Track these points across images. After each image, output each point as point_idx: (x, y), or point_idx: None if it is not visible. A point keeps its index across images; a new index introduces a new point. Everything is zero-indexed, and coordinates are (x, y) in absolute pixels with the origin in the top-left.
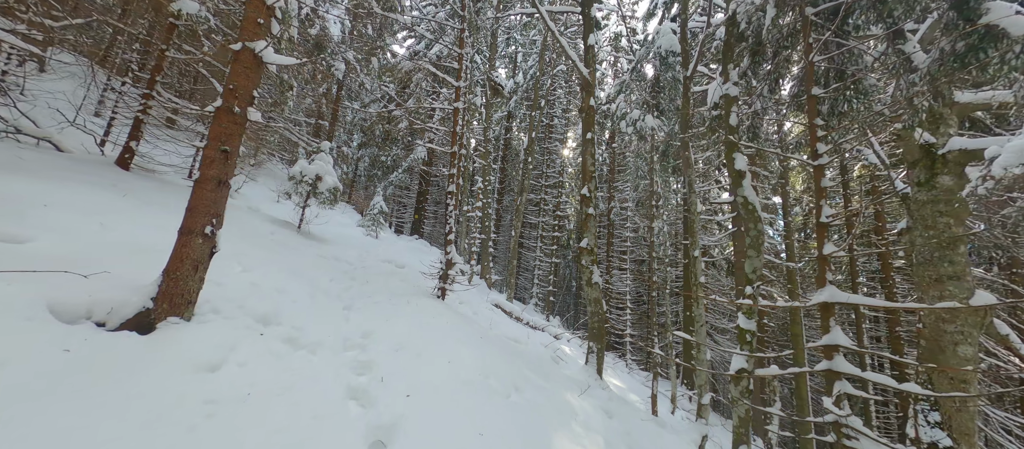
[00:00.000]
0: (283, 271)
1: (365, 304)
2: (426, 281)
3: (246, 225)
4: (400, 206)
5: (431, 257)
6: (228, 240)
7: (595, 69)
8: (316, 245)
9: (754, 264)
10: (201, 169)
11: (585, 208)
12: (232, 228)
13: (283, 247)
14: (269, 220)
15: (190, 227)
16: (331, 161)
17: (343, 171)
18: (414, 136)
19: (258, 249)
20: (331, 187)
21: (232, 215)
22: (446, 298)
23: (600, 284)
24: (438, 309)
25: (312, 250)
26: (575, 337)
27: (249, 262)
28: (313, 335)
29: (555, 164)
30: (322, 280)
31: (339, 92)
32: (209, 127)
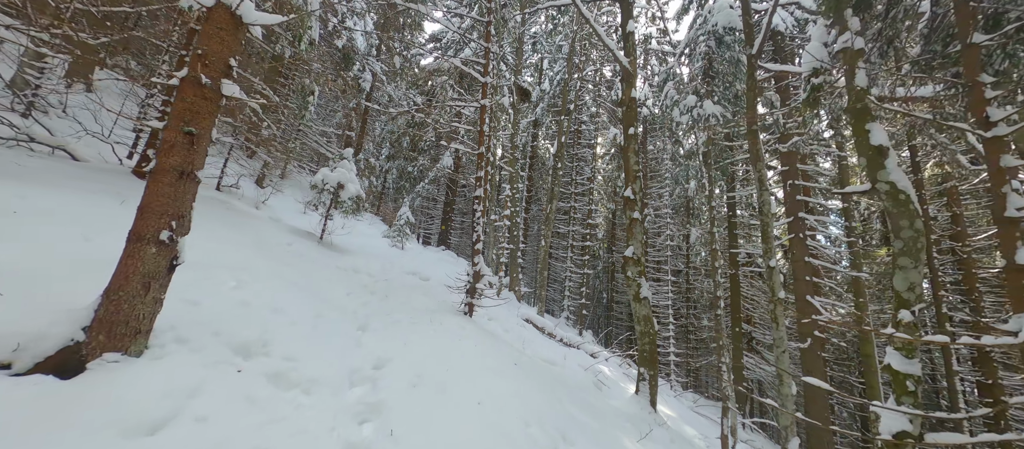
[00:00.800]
0: (288, 286)
1: (382, 324)
2: (452, 296)
3: (262, 235)
4: (428, 217)
5: (457, 268)
6: (234, 250)
7: (635, 57)
8: (337, 256)
9: (911, 278)
10: (158, 156)
11: (629, 212)
12: (244, 238)
13: (299, 258)
14: (290, 231)
15: (140, 232)
16: (354, 169)
17: (372, 183)
18: (440, 146)
19: (266, 260)
20: (354, 195)
21: (250, 225)
22: (474, 314)
23: (650, 299)
24: (465, 328)
25: (331, 262)
26: (614, 355)
27: (247, 275)
28: (309, 368)
29: (584, 172)
30: (336, 295)
31: (367, 104)
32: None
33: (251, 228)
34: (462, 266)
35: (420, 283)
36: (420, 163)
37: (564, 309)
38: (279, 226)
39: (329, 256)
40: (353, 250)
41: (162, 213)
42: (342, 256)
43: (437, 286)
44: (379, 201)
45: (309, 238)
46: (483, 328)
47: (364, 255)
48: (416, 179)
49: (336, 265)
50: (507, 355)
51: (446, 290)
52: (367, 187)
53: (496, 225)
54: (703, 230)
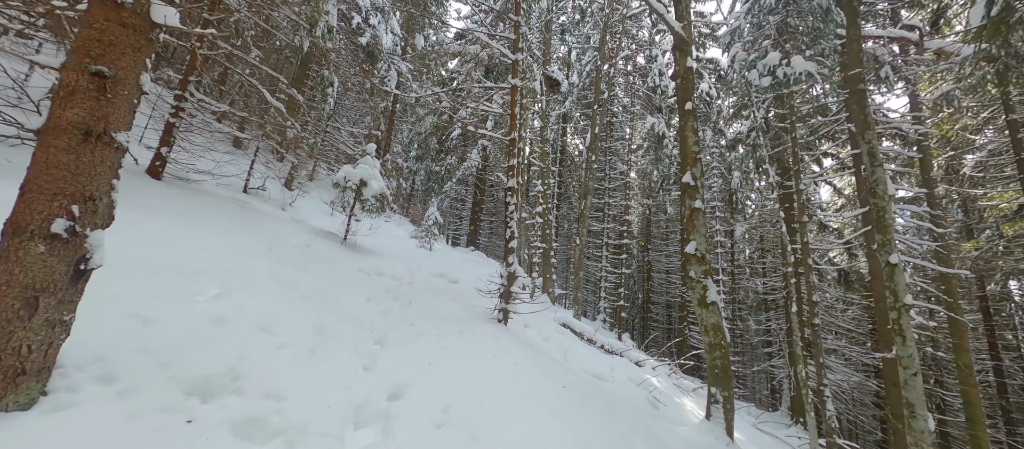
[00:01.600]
0: (289, 294)
1: (404, 337)
2: (484, 301)
3: (279, 236)
4: (456, 218)
5: (488, 270)
6: (235, 253)
7: (689, 22)
8: (360, 258)
9: None
10: (52, 110)
11: (689, 201)
12: (255, 240)
13: (317, 261)
14: (312, 231)
15: (20, 223)
16: (377, 165)
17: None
18: (467, 145)
19: (272, 264)
20: (377, 193)
21: (267, 225)
22: (509, 322)
23: (719, 304)
24: (501, 340)
25: (351, 263)
26: (660, 363)
27: (239, 282)
28: (297, 409)
29: (616, 167)
30: (352, 302)
31: (394, 105)
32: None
33: (268, 229)
34: (492, 267)
35: (448, 286)
36: (448, 162)
37: (600, 311)
38: (301, 227)
39: (351, 258)
40: (378, 251)
41: (55, 193)
42: (365, 257)
43: (467, 290)
44: (408, 202)
45: (332, 239)
46: (520, 338)
47: (389, 256)
48: (443, 178)
49: (357, 267)
50: (552, 374)
51: (477, 294)
52: (395, 188)
53: (527, 223)
54: (748, 225)
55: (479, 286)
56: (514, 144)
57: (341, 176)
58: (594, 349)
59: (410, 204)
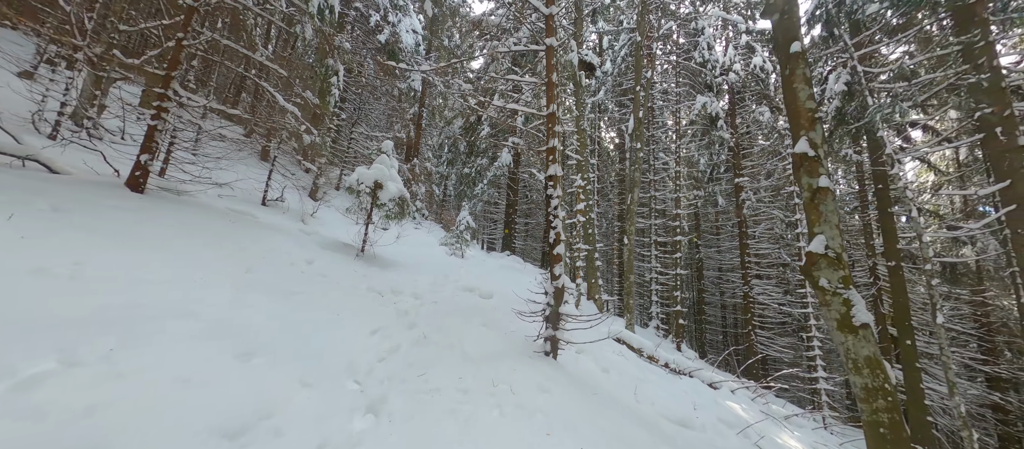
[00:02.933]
0: (242, 338)
1: (409, 398)
2: (524, 325)
3: (275, 252)
4: (490, 222)
5: (525, 278)
6: (190, 283)
7: None
8: (375, 273)
9: None
10: None
11: (809, 178)
12: (236, 260)
13: (315, 282)
14: (322, 244)
15: None
16: (395, 164)
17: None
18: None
19: (241, 292)
20: (395, 196)
21: (263, 241)
22: (559, 354)
23: (872, 329)
24: (553, 393)
25: (362, 281)
26: (739, 386)
27: (153, 330)
28: None
29: (659, 157)
30: (349, 339)
31: (421, 109)
32: None
33: (261, 246)
34: (530, 275)
35: (479, 304)
36: (478, 163)
37: (652, 317)
38: (309, 241)
39: (363, 274)
40: (399, 263)
41: None
42: (382, 272)
43: (502, 308)
44: (440, 208)
45: (345, 252)
46: (576, 378)
47: (412, 268)
48: (474, 180)
49: (368, 286)
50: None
51: (515, 315)
52: (425, 193)
53: (566, 223)
54: None
55: (517, 304)
56: (553, 121)
57: (354, 179)
58: (659, 370)
59: (442, 210)
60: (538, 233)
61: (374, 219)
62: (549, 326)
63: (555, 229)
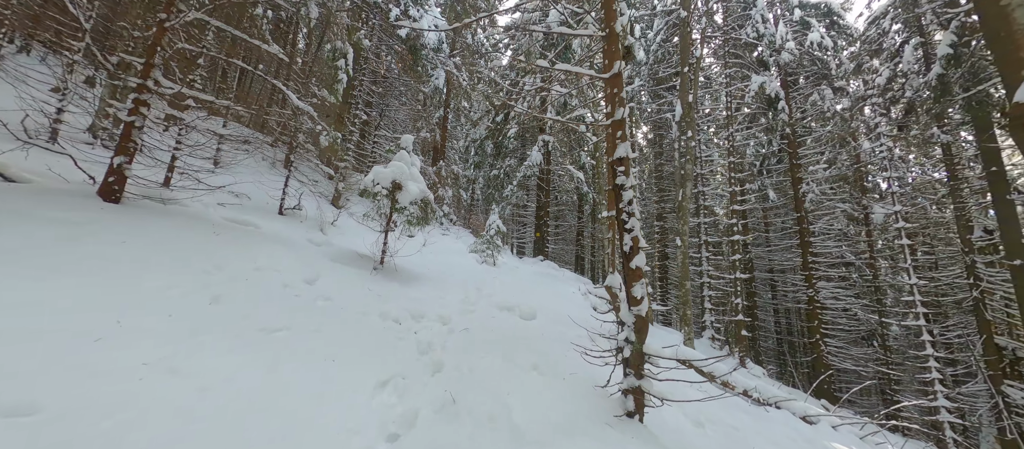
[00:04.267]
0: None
1: None
2: (583, 364)
3: (267, 271)
4: (519, 225)
5: (567, 287)
6: (131, 312)
7: None
8: (392, 292)
9: None
10: None
11: None
12: (203, 284)
13: (312, 312)
14: (334, 257)
15: None
16: (417, 162)
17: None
18: (526, 144)
19: (191, 334)
20: (417, 198)
21: (252, 257)
22: (645, 414)
23: None
24: None
25: (376, 304)
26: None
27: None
28: None
29: (702, 149)
30: (341, 404)
31: (446, 111)
32: None
33: (253, 262)
34: (570, 283)
35: (522, 329)
36: (506, 164)
37: (706, 327)
38: (320, 253)
39: (379, 293)
40: (424, 276)
41: None
42: (403, 289)
43: (550, 333)
44: (468, 213)
45: (360, 265)
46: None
47: (439, 283)
48: (503, 182)
49: (382, 311)
50: None
51: (568, 344)
52: (453, 197)
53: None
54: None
55: (568, 326)
56: (619, 86)
57: (368, 180)
58: (737, 400)
59: (470, 214)
60: (570, 236)
61: (395, 225)
62: (629, 372)
63: (631, 232)
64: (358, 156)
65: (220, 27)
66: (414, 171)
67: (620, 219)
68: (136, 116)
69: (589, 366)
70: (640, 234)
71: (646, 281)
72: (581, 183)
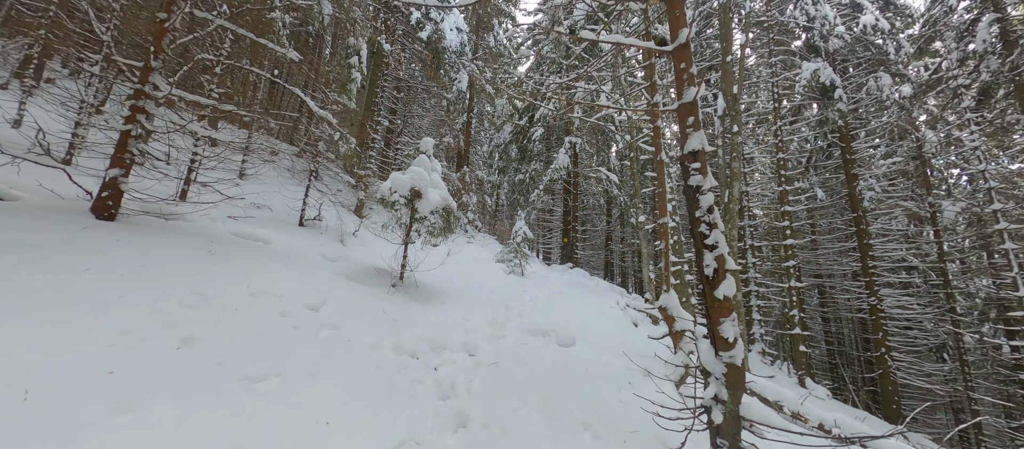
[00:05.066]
0: None
1: None
2: (648, 417)
3: (266, 293)
4: (545, 230)
5: (602, 300)
6: (65, 358)
7: None
8: (412, 314)
9: None
10: None
11: None
12: (189, 313)
13: (315, 340)
14: (352, 273)
15: None
16: (438, 168)
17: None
18: (551, 147)
19: (113, 396)
20: (439, 206)
21: (244, 278)
22: None
23: None
24: None
25: (390, 334)
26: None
27: None
28: None
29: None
30: None
31: (470, 115)
32: None
33: (248, 286)
34: (604, 294)
35: (563, 363)
36: (532, 168)
37: (755, 340)
38: (333, 270)
39: (396, 317)
40: (448, 292)
41: None
42: (424, 310)
43: (597, 368)
44: (493, 219)
45: (377, 282)
46: None
47: (464, 299)
48: (528, 187)
49: (396, 343)
50: None
51: (621, 385)
52: (477, 203)
53: (645, 229)
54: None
55: (614, 356)
56: (684, 59)
57: (385, 188)
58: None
59: (495, 221)
60: (597, 241)
61: (416, 237)
62: (722, 444)
63: (714, 250)
64: (382, 164)
65: (236, 32)
66: (435, 177)
67: (698, 232)
68: (133, 124)
69: (649, 418)
70: (726, 252)
71: (734, 318)
72: (610, 185)
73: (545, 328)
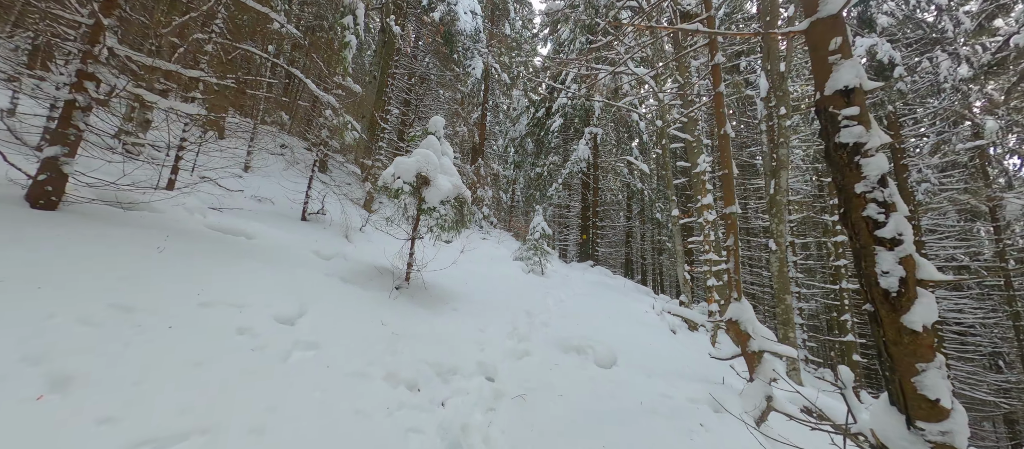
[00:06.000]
0: None
1: None
2: None
3: (223, 303)
4: (562, 227)
5: (635, 304)
6: None
7: None
8: (415, 325)
9: None
10: None
11: None
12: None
13: (273, 383)
14: (349, 274)
15: None
16: (449, 152)
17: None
18: (569, 139)
19: None
20: (449, 195)
21: (220, 282)
22: None
23: None
24: None
25: (384, 354)
26: None
27: None
28: None
29: None
30: None
31: (484, 106)
32: None
33: (206, 293)
34: (631, 295)
35: (603, 392)
36: (549, 162)
37: (796, 345)
38: (327, 269)
39: (395, 331)
40: (461, 295)
41: None
42: (430, 319)
43: (651, 401)
44: (509, 215)
45: (378, 285)
46: None
47: (478, 306)
48: (546, 181)
49: (389, 369)
50: None
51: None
52: (493, 198)
53: (679, 224)
54: None
55: (672, 380)
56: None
57: (388, 174)
58: None
59: (511, 217)
60: (615, 238)
61: (425, 231)
62: None
63: (898, 243)
64: (393, 155)
65: None
66: (446, 162)
67: (861, 218)
68: (80, 93)
69: None
70: (915, 252)
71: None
72: (633, 178)
73: (578, 342)
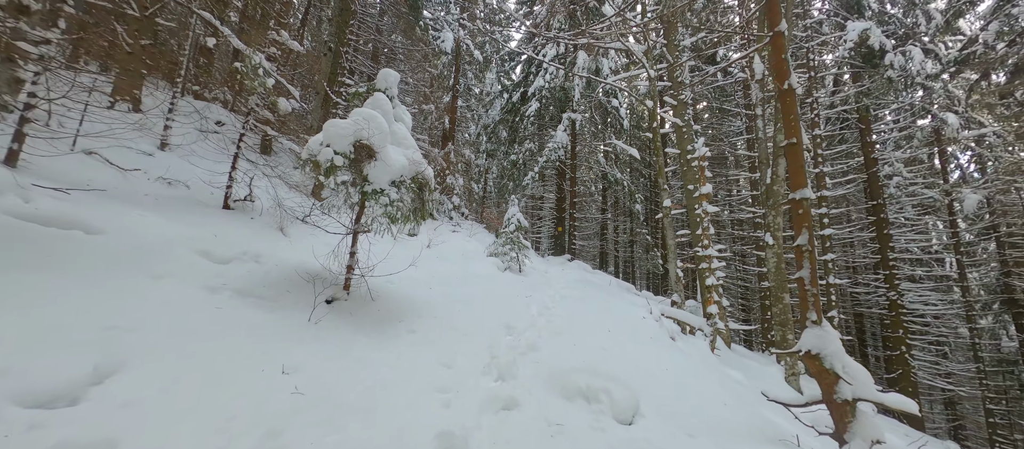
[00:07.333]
0: None
1: None
2: None
3: None
4: (535, 219)
5: (628, 307)
6: None
7: None
8: (338, 375)
9: None
10: None
11: None
12: None
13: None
14: (255, 286)
15: None
16: (407, 119)
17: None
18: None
19: None
20: (405, 175)
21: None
22: None
23: None
24: None
25: (280, 438)
26: None
27: None
28: None
29: None
30: None
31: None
32: None
33: None
34: (618, 293)
35: None
36: (525, 149)
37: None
38: (217, 278)
39: (306, 380)
40: (423, 304)
41: None
42: (368, 352)
43: None
44: (480, 206)
45: (300, 300)
46: None
47: (442, 321)
48: (522, 170)
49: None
50: None
51: None
52: (464, 187)
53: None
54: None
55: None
56: None
57: (314, 143)
58: None
59: (483, 208)
60: (589, 230)
61: (374, 225)
62: None
63: None
64: None
65: None
66: (400, 129)
67: None
68: None
69: None
70: None
71: None
72: (612, 168)
73: (584, 382)
